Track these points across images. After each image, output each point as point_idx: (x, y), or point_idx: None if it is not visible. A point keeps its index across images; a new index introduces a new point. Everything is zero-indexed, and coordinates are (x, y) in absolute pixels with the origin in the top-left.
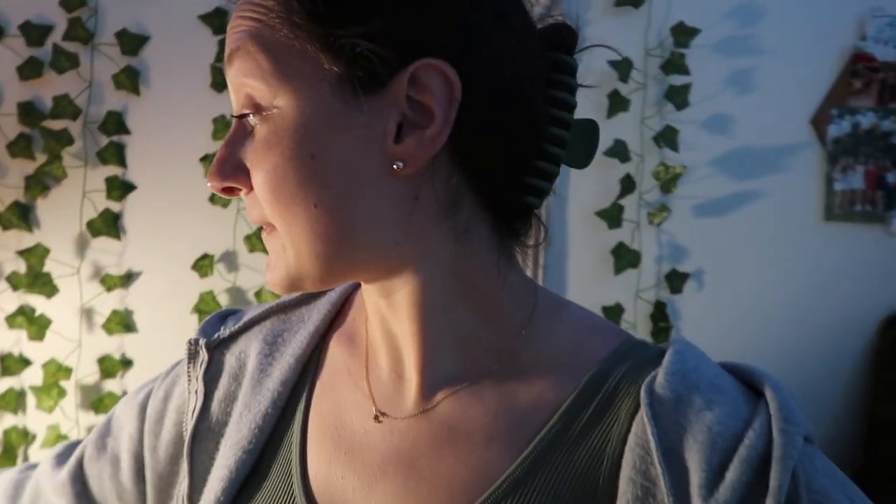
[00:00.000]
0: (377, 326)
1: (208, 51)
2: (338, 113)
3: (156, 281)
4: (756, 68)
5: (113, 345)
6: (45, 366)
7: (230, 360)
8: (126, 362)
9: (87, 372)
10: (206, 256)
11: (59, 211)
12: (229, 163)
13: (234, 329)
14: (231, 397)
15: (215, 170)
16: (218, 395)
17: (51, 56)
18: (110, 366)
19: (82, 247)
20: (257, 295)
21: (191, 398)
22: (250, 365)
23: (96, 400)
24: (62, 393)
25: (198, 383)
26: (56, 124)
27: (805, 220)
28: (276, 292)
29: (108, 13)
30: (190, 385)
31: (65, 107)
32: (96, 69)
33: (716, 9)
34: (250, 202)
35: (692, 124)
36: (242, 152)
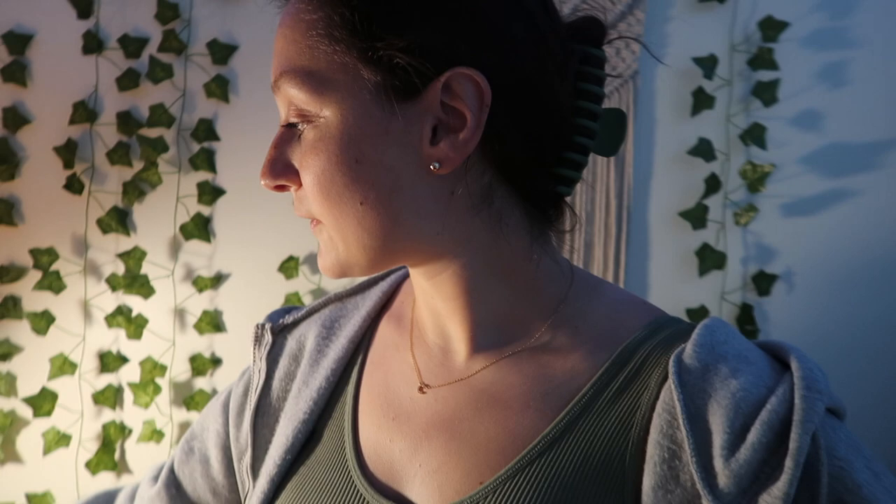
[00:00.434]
0: (423, 304)
1: None
2: (378, 120)
3: (244, 282)
4: (849, 61)
5: (203, 344)
6: (142, 363)
7: (291, 342)
8: (215, 361)
9: (179, 370)
10: (291, 259)
11: (154, 215)
12: (279, 162)
13: (297, 316)
14: (290, 376)
15: (266, 170)
16: (278, 374)
17: (147, 67)
18: (201, 364)
19: (175, 249)
20: None
21: (254, 377)
22: (309, 346)
23: (188, 397)
24: (157, 390)
25: (262, 363)
26: (152, 132)
27: None
28: (328, 276)
29: (200, 24)
30: (254, 365)
31: (160, 115)
32: (189, 78)
33: (805, 1)
34: (297, 198)
35: (780, 121)
36: (290, 153)
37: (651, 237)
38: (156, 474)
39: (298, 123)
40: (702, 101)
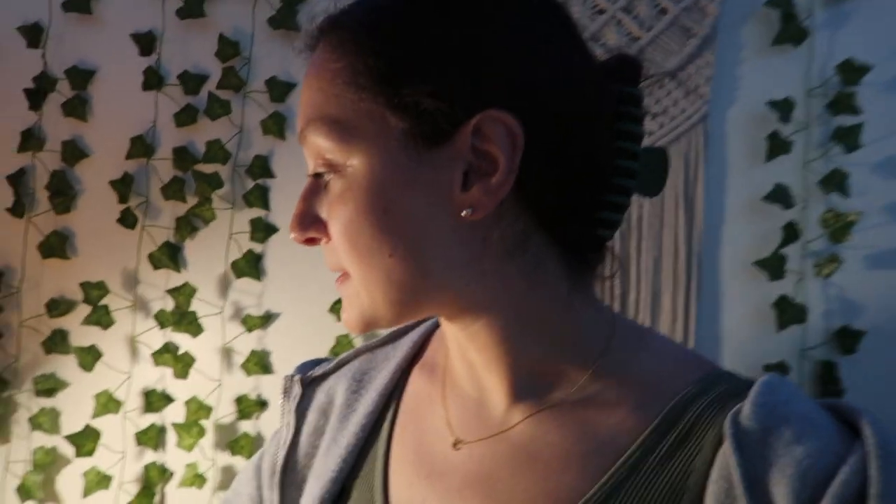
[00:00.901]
0: (457, 354)
1: None
2: (406, 167)
3: (293, 323)
4: None
5: (249, 385)
6: (187, 403)
7: (320, 395)
8: (261, 403)
9: (225, 412)
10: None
11: (206, 252)
12: (308, 216)
13: (328, 368)
14: (319, 431)
15: (295, 223)
16: (307, 429)
17: (206, 104)
18: (247, 406)
19: (225, 287)
20: None
21: (282, 430)
22: (338, 400)
23: (232, 440)
24: (202, 432)
25: (290, 416)
26: (207, 168)
27: None
28: (352, 332)
29: (259, 62)
30: (283, 418)
31: (216, 151)
32: (246, 115)
33: (887, 43)
34: (328, 251)
35: (863, 167)
36: (318, 205)
37: (723, 287)
38: None
39: (325, 173)
40: (777, 146)
